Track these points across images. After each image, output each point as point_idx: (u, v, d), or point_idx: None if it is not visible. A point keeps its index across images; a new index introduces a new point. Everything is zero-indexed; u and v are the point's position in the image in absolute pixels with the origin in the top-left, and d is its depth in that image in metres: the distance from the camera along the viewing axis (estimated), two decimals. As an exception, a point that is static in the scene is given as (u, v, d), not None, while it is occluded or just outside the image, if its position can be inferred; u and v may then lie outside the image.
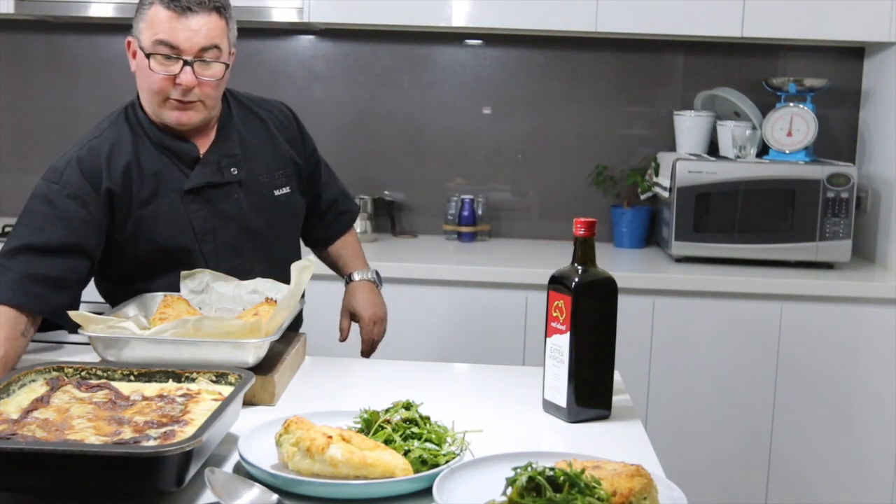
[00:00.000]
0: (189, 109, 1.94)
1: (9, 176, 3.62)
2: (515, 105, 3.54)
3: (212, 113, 1.99)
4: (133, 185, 1.95)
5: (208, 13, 1.90)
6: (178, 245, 1.96)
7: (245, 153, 2.05)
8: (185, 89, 1.90)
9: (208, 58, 1.91)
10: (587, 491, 1.13)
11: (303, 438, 1.29)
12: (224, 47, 1.93)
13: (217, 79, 1.93)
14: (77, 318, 1.66)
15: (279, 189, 2.09)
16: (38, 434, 1.28)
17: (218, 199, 2.00)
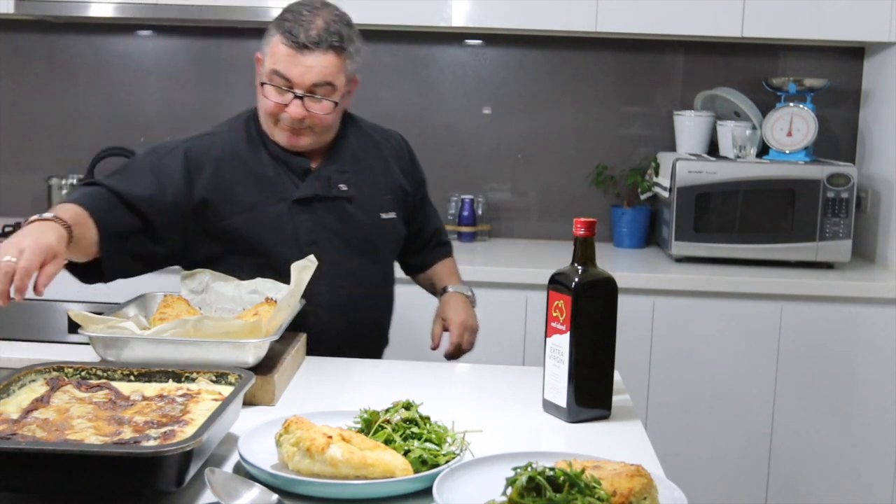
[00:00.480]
0: (299, 135, 2.01)
1: (9, 176, 3.62)
2: (515, 105, 3.54)
3: (323, 138, 2.05)
4: (238, 188, 2.00)
5: (324, 52, 1.96)
6: (279, 252, 1.97)
7: (356, 172, 2.10)
8: (294, 119, 1.97)
9: (319, 94, 1.97)
10: (587, 491, 1.13)
11: (303, 438, 1.29)
12: (338, 83, 1.99)
13: (325, 113, 1.99)
14: (77, 318, 1.66)
15: (386, 213, 2.13)
16: (38, 434, 1.28)
17: (324, 213, 2.05)
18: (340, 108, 2.04)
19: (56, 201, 3.47)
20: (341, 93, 2.01)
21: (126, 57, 3.58)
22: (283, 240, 2.00)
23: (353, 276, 2.08)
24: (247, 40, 3.54)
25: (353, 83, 2.07)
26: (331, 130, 2.06)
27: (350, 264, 2.07)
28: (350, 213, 2.07)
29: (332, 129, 2.07)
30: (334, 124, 2.06)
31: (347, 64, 2.01)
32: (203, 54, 3.57)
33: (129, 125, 3.58)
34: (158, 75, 3.58)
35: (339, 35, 1.99)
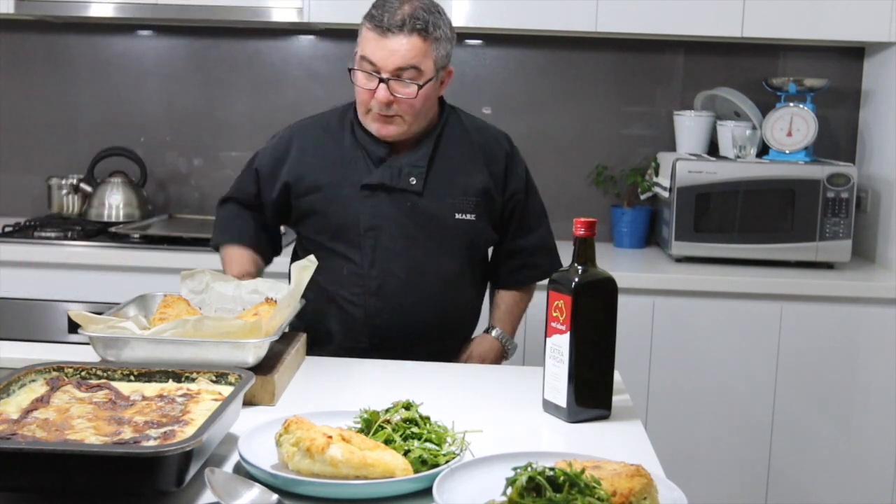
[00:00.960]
0: (389, 123, 2.04)
1: (9, 176, 3.62)
2: (515, 105, 3.54)
3: (414, 128, 2.07)
4: (317, 168, 2.11)
5: (408, 35, 1.98)
6: (345, 232, 2.09)
7: (436, 169, 2.10)
8: (381, 104, 2.00)
9: (405, 77, 1.99)
10: (587, 491, 1.13)
11: (303, 438, 1.29)
12: (425, 68, 2.00)
13: (411, 98, 2.00)
14: (77, 318, 1.66)
15: (462, 213, 2.12)
16: (38, 434, 1.28)
17: (389, 202, 2.08)
18: (430, 95, 2.04)
19: (56, 201, 3.47)
20: (429, 78, 2.01)
21: (126, 57, 3.58)
22: (347, 222, 2.08)
23: (413, 269, 2.09)
24: (247, 40, 3.55)
25: (446, 73, 2.08)
26: (420, 119, 2.06)
27: (410, 256, 2.09)
28: (418, 207, 2.08)
29: (422, 118, 2.07)
30: (423, 112, 2.06)
31: (434, 49, 2.01)
32: (203, 54, 3.57)
33: (129, 125, 3.58)
34: (158, 75, 3.58)
35: (424, 20, 1.99)
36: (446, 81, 2.10)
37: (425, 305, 2.11)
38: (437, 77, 2.04)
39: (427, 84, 2.01)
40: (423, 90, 2.00)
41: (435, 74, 2.02)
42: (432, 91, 2.05)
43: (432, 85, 2.03)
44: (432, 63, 2.01)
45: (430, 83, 2.02)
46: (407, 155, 2.10)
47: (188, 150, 3.61)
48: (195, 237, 3.13)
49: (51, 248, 3.04)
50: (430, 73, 2.01)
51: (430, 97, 2.06)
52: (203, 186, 3.61)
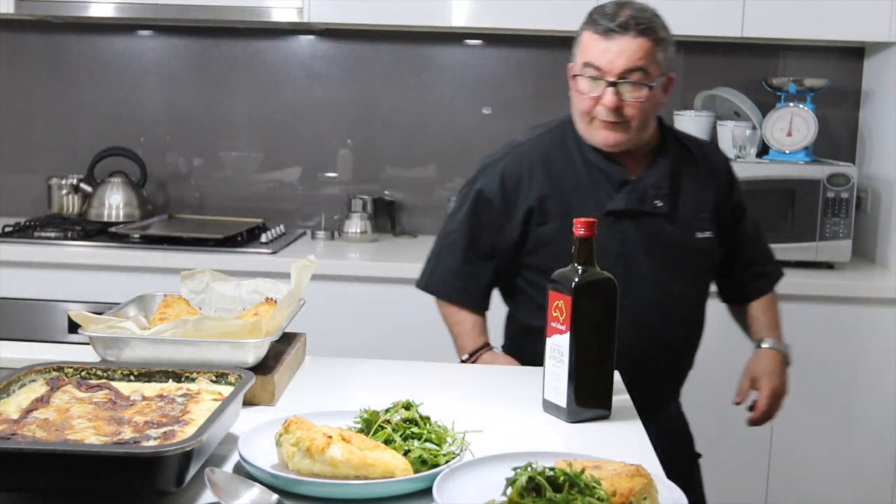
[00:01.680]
0: (616, 130, 1.96)
1: (9, 176, 3.62)
2: (515, 105, 3.54)
3: (640, 136, 2.00)
4: (552, 197, 2.02)
5: (634, 36, 1.92)
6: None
7: (673, 188, 2.04)
8: (608, 110, 1.93)
9: (632, 80, 1.93)
10: (587, 491, 1.13)
11: (303, 438, 1.29)
12: (652, 71, 1.93)
13: (640, 101, 1.93)
14: (77, 318, 1.65)
15: (702, 232, 2.07)
16: (38, 434, 1.28)
17: (636, 227, 2.01)
18: (656, 100, 1.97)
19: (56, 201, 3.47)
20: (653, 80, 1.94)
21: (126, 57, 3.58)
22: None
23: (663, 293, 2.03)
24: (247, 40, 3.55)
25: (668, 80, 2.00)
26: (646, 127, 2.00)
27: (660, 281, 2.03)
28: (666, 231, 2.02)
29: (648, 126, 2.01)
30: (649, 119, 2.00)
31: (659, 52, 1.94)
32: (203, 54, 3.57)
33: (129, 125, 3.58)
34: (158, 75, 3.58)
35: (648, 21, 1.94)
36: (669, 88, 2.02)
37: (676, 330, 2.08)
38: (663, 81, 1.97)
39: (655, 87, 1.94)
40: (651, 94, 1.94)
41: (661, 77, 1.95)
42: (659, 94, 1.98)
43: (659, 88, 1.96)
44: (657, 66, 1.94)
45: (657, 87, 1.95)
46: (647, 176, 2.02)
47: (188, 150, 3.61)
48: (195, 237, 3.13)
49: (51, 248, 3.04)
50: (656, 75, 1.94)
51: (656, 103, 1.98)
52: (203, 186, 3.61)
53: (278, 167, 3.62)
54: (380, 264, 3.04)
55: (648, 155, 2.04)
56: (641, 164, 2.04)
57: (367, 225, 3.37)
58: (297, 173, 3.61)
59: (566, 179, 2.03)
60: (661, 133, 2.08)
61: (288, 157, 3.61)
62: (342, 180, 3.59)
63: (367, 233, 3.36)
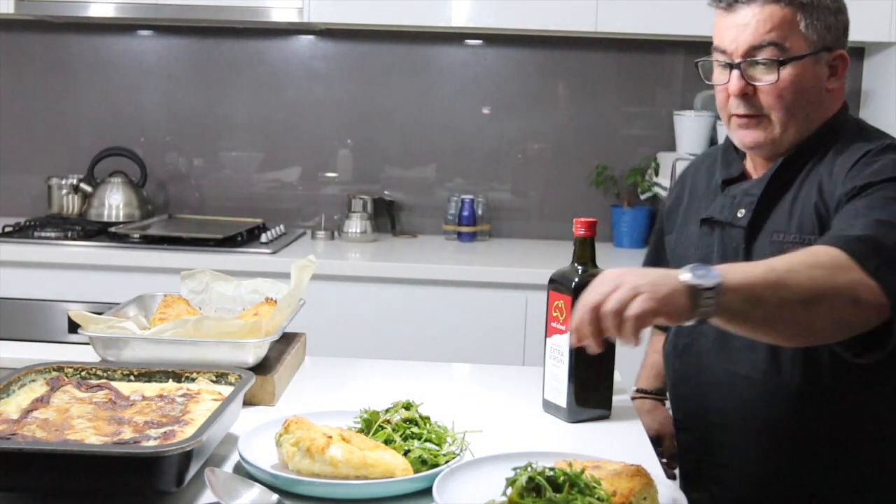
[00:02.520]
0: (753, 127, 1.58)
1: (9, 176, 3.62)
2: (515, 105, 3.54)
3: (790, 133, 1.57)
4: (684, 204, 1.77)
5: (762, 4, 1.54)
6: None
7: (770, 197, 1.59)
8: (738, 99, 1.57)
9: (762, 58, 1.54)
10: (587, 491, 1.14)
11: (303, 438, 1.29)
12: (792, 45, 1.53)
13: (774, 83, 1.54)
14: (77, 318, 1.66)
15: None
16: (38, 434, 1.28)
17: (719, 240, 1.64)
18: (807, 83, 1.54)
19: (56, 201, 3.47)
20: (796, 56, 1.53)
21: (126, 57, 3.58)
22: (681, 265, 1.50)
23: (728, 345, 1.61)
24: (247, 40, 3.55)
25: (835, 57, 1.56)
26: (797, 119, 1.56)
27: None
28: (744, 248, 1.59)
29: (800, 119, 1.56)
30: (800, 109, 1.55)
31: (804, 20, 1.54)
32: (203, 54, 3.57)
33: (129, 125, 3.58)
34: (158, 75, 3.58)
35: None
36: (841, 70, 1.57)
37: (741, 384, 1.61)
38: (819, 60, 1.54)
39: (795, 64, 1.53)
40: (792, 73, 1.53)
41: (811, 53, 1.53)
42: (811, 77, 1.54)
43: (809, 68, 1.54)
44: (802, 38, 1.53)
45: (804, 64, 1.53)
46: (752, 182, 1.63)
47: (188, 150, 3.61)
48: (195, 237, 3.13)
49: (51, 248, 3.04)
50: (799, 50, 1.53)
51: (809, 86, 1.54)
52: (203, 186, 3.61)
53: (278, 167, 3.62)
54: (380, 264, 3.04)
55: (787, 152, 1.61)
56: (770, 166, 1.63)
57: (367, 225, 3.37)
58: (297, 173, 3.61)
59: (700, 183, 1.76)
60: (830, 128, 1.59)
61: (288, 157, 3.61)
62: (342, 180, 3.59)
63: (367, 233, 3.36)
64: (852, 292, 1.28)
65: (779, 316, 1.27)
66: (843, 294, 1.28)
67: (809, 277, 1.27)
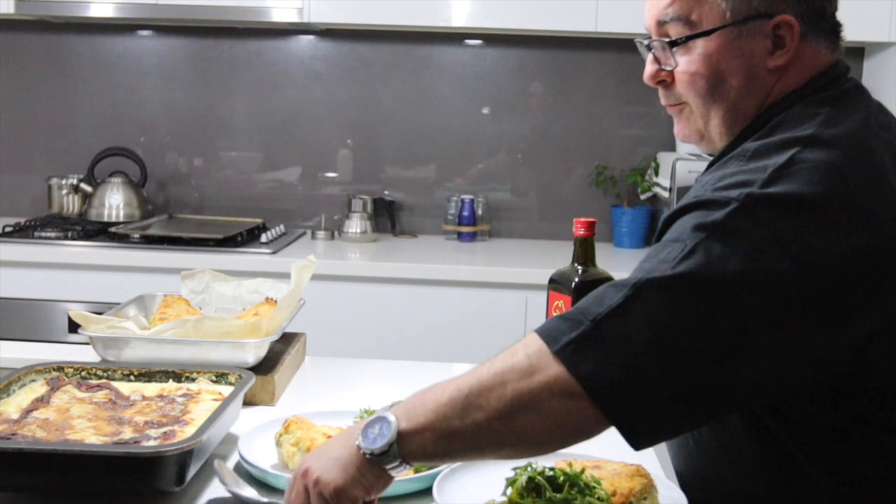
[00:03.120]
0: (678, 117, 1.36)
1: (9, 176, 3.62)
2: (515, 105, 3.54)
3: (713, 126, 1.28)
4: None
5: None
6: None
7: None
8: (653, 85, 1.35)
9: (669, 36, 1.25)
10: (587, 491, 1.14)
11: (303, 438, 1.29)
12: (701, 16, 1.21)
13: (678, 68, 1.26)
14: (77, 318, 1.66)
15: None
16: (39, 434, 1.28)
17: None
18: (727, 60, 1.21)
19: (56, 201, 3.48)
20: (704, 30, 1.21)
21: (126, 57, 3.58)
22: None
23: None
24: (247, 40, 3.55)
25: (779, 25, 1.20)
26: (714, 106, 1.25)
27: None
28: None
29: (716, 106, 1.25)
30: (715, 95, 1.24)
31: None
32: (203, 54, 3.57)
33: (129, 125, 3.58)
34: (158, 75, 3.58)
35: None
36: (789, 40, 1.20)
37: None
38: (746, 32, 1.20)
39: (706, 40, 1.21)
40: (703, 52, 1.22)
41: (725, 26, 1.20)
42: (733, 55, 1.21)
43: (729, 44, 1.21)
44: (712, 7, 1.20)
45: (718, 40, 1.21)
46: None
47: (188, 151, 3.61)
48: (195, 237, 3.13)
49: (51, 248, 3.04)
50: (710, 23, 1.21)
51: (732, 67, 1.22)
52: (203, 186, 3.61)
53: (278, 167, 3.62)
54: (380, 264, 3.04)
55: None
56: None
57: (367, 225, 3.37)
58: (297, 173, 3.61)
59: None
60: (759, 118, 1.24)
61: (288, 157, 3.61)
62: (342, 180, 3.59)
63: (367, 233, 3.36)
64: (550, 390, 1.05)
65: (482, 440, 1.08)
66: (541, 395, 1.05)
67: (501, 385, 1.07)
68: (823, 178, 1.08)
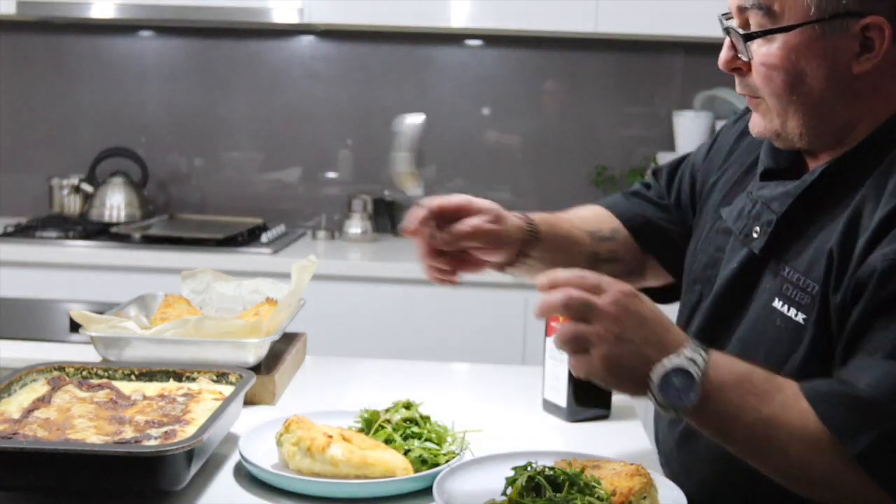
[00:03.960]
0: (756, 109, 1.24)
1: (9, 176, 3.63)
2: (515, 105, 3.54)
3: (791, 128, 1.19)
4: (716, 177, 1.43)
5: None
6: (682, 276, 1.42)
7: (796, 220, 1.20)
8: (728, 72, 1.23)
9: (750, 24, 1.17)
10: (587, 490, 1.14)
11: (303, 438, 1.29)
12: (782, 7, 1.12)
13: (759, 59, 1.16)
14: (78, 318, 1.66)
15: (784, 303, 1.18)
16: (40, 433, 1.28)
17: (730, 255, 1.30)
18: (806, 62, 1.13)
19: (57, 201, 3.48)
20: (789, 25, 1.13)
21: (127, 57, 3.59)
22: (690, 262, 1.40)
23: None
24: (247, 40, 3.55)
25: (868, 27, 1.11)
26: (792, 108, 1.17)
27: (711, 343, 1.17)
28: (753, 275, 1.24)
29: (794, 108, 1.17)
30: (793, 95, 1.16)
31: None
32: (203, 54, 3.57)
33: (130, 125, 3.59)
34: (159, 76, 3.58)
35: None
36: (879, 42, 1.11)
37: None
38: (830, 31, 1.11)
39: (787, 35, 1.13)
40: (782, 48, 1.13)
41: (814, 20, 1.11)
42: (816, 55, 1.13)
43: (811, 43, 1.12)
44: (797, 0, 1.12)
45: (799, 37, 1.12)
46: (776, 184, 1.24)
47: (189, 151, 3.61)
48: (196, 237, 3.13)
49: (52, 248, 3.05)
50: (792, 15, 1.12)
51: (814, 69, 1.13)
52: (204, 186, 3.61)
53: (278, 167, 3.62)
54: (380, 264, 3.04)
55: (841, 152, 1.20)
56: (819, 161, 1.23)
57: (368, 225, 3.38)
58: (298, 173, 3.61)
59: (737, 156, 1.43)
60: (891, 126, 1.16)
61: (288, 157, 3.61)
62: (342, 180, 3.60)
63: (368, 233, 3.36)
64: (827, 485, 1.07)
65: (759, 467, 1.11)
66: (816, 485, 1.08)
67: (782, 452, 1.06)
68: None
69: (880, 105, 1.16)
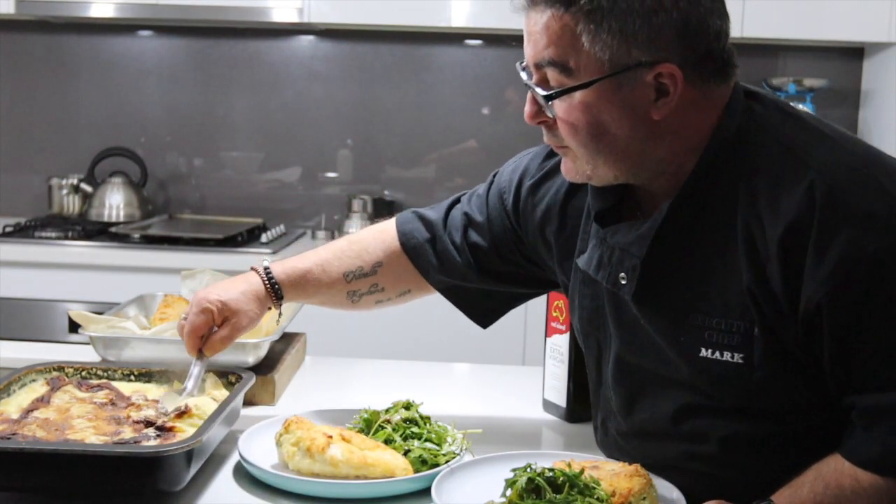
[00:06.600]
0: (565, 155, 1.25)
1: (9, 176, 3.63)
2: (515, 105, 3.54)
3: (602, 173, 1.21)
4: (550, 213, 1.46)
5: (542, 9, 1.15)
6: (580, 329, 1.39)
7: (667, 259, 1.20)
8: (544, 130, 1.25)
9: (549, 79, 1.17)
10: (586, 491, 1.14)
11: (303, 438, 1.29)
12: (577, 64, 1.13)
13: (559, 116, 1.18)
14: (77, 318, 1.66)
15: (714, 350, 1.16)
16: (39, 434, 1.28)
17: (611, 303, 1.28)
18: (604, 115, 1.15)
19: (56, 201, 3.48)
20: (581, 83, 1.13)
21: (126, 57, 3.58)
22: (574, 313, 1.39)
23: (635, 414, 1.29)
24: (247, 40, 3.55)
25: (660, 74, 1.13)
26: (601, 157, 1.18)
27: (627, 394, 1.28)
28: (640, 324, 1.23)
29: (603, 157, 1.18)
30: (600, 146, 1.17)
31: (586, 34, 1.11)
32: (203, 54, 3.57)
33: (129, 125, 3.58)
34: (159, 75, 3.58)
35: None
36: (672, 87, 1.13)
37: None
38: (625, 82, 1.13)
39: (585, 92, 1.14)
40: (581, 103, 1.15)
41: (608, 74, 1.12)
42: (615, 106, 1.14)
43: (608, 95, 1.14)
44: (590, 56, 1.12)
45: (597, 92, 1.13)
46: (628, 227, 1.23)
47: (188, 151, 3.61)
48: (195, 237, 3.13)
49: (51, 248, 3.05)
50: (587, 72, 1.13)
51: (614, 119, 1.15)
52: (203, 186, 3.61)
53: (278, 167, 3.62)
54: (380, 264, 3.03)
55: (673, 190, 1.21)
56: (655, 204, 1.24)
57: (367, 225, 3.36)
58: (297, 173, 3.61)
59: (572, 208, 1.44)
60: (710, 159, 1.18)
61: (288, 157, 3.61)
62: (342, 180, 3.59)
63: (368, 233, 3.36)
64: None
65: None
66: None
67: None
68: None
69: (691, 136, 1.18)
